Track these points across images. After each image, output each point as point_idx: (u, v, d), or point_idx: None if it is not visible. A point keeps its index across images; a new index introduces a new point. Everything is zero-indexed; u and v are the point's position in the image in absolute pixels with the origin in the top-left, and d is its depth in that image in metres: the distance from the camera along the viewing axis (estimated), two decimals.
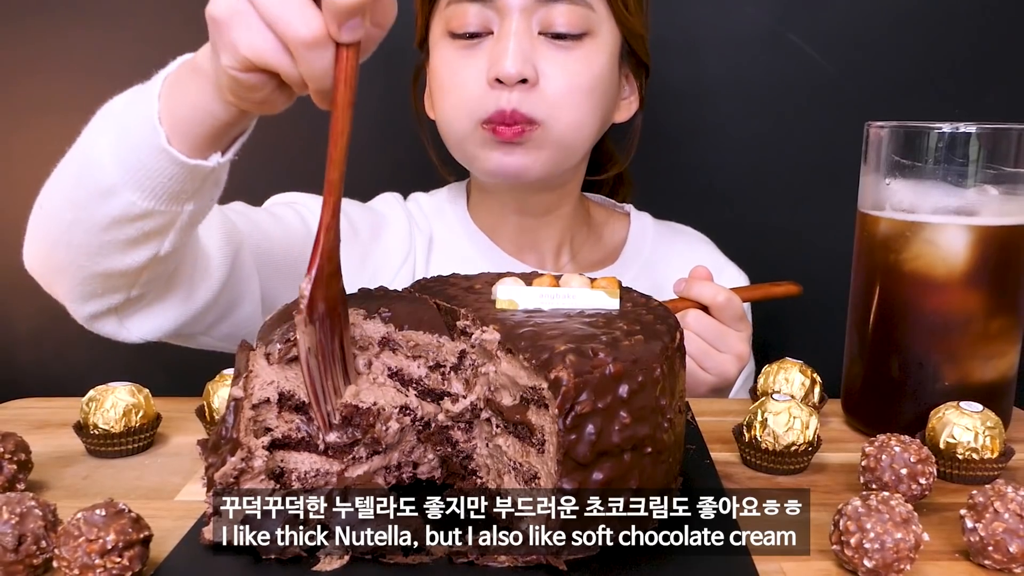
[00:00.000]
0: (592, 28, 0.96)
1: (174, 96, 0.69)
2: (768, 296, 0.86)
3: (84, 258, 0.78)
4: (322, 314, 0.58)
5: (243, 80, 0.59)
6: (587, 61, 0.96)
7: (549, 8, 0.94)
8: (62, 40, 1.31)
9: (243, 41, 0.56)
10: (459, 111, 0.98)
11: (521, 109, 0.94)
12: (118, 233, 0.75)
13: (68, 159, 0.79)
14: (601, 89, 0.98)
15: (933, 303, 0.77)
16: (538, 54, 0.94)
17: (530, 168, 0.98)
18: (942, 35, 1.29)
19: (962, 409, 0.72)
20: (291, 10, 0.54)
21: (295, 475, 0.61)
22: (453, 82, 0.98)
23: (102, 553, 0.50)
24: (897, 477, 0.64)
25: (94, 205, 0.74)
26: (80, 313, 0.84)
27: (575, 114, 0.96)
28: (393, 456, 0.63)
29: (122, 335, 0.86)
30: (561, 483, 0.54)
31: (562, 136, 0.97)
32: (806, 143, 1.33)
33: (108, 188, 0.72)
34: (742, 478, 0.72)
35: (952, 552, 0.60)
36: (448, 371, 0.64)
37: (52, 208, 0.79)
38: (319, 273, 0.58)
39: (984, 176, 0.75)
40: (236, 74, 0.58)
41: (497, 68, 0.93)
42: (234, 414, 0.58)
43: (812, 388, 0.83)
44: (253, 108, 0.65)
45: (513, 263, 1.09)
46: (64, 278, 0.82)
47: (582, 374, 0.53)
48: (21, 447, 0.65)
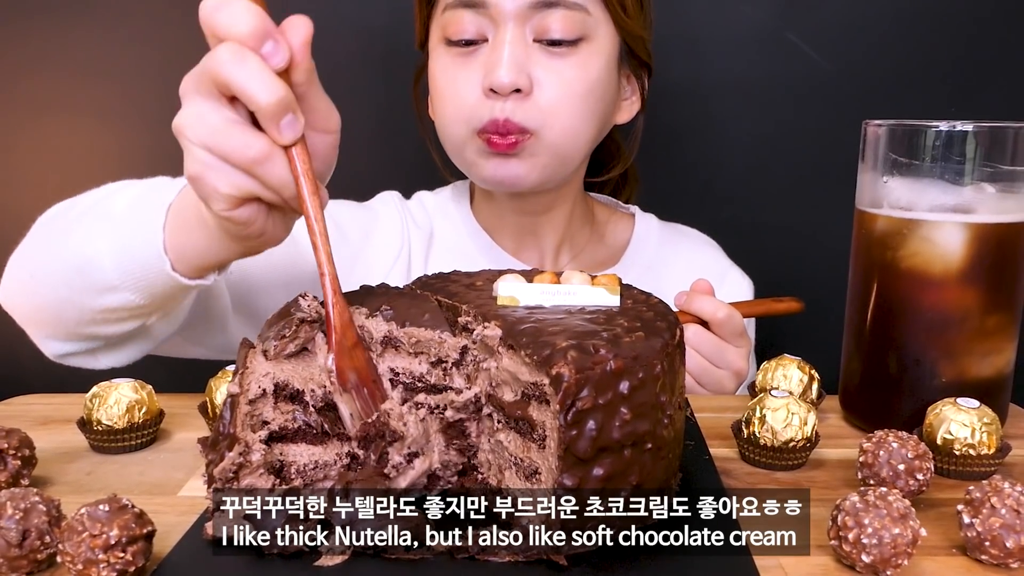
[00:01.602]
0: (588, 33, 0.96)
1: (180, 236, 0.73)
2: (770, 312, 0.86)
3: (72, 324, 0.81)
4: (356, 383, 0.62)
5: (236, 217, 0.62)
6: (582, 67, 0.96)
7: (544, 15, 0.93)
8: (63, 40, 1.32)
9: (221, 184, 0.60)
10: (456, 119, 0.98)
11: (514, 119, 0.94)
12: (111, 315, 0.78)
13: (61, 242, 0.80)
14: (597, 94, 0.98)
15: (930, 300, 0.77)
16: (532, 61, 0.94)
17: (524, 177, 0.98)
18: (939, 34, 1.30)
19: (959, 405, 0.72)
20: (237, 141, 0.59)
21: (295, 468, 0.62)
22: (450, 90, 0.98)
23: (105, 548, 0.51)
24: (895, 473, 0.65)
25: (91, 296, 0.77)
26: (51, 351, 0.87)
27: (569, 121, 0.97)
28: (434, 458, 0.63)
29: (89, 365, 0.88)
30: (562, 478, 0.54)
31: (556, 144, 0.97)
32: (804, 141, 1.33)
33: (107, 286, 0.75)
34: (741, 474, 0.72)
35: (949, 547, 0.60)
36: (450, 367, 0.64)
37: (45, 282, 0.80)
38: (339, 348, 0.61)
39: (981, 174, 0.75)
40: (229, 214, 0.62)
41: (491, 78, 0.93)
42: (231, 410, 0.59)
43: (810, 384, 0.83)
44: (256, 245, 0.69)
45: (513, 262, 1.10)
46: (43, 329, 0.85)
47: (583, 370, 0.53)
48: (25, 443, 0.65)
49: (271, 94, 0.57)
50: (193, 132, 0.60)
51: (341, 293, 0.62)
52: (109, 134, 1.35)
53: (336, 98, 1.28)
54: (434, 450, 0.63)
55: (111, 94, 1.33)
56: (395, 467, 0.61)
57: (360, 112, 1.35)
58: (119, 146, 1.35)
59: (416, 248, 1.11)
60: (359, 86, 1.34)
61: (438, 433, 0.63)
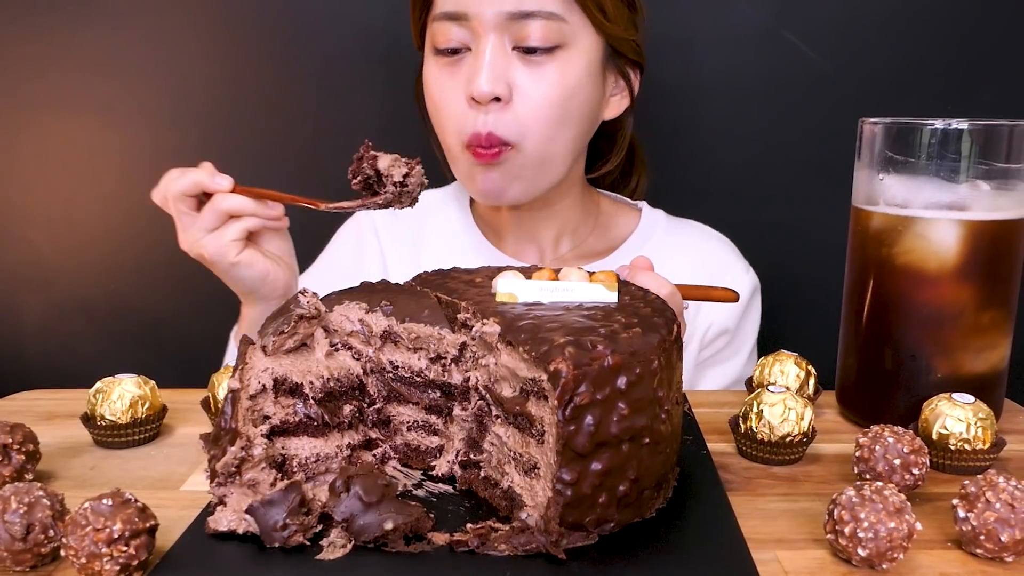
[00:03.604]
0: (565, 40, 0.97)
1: (243, 327, 0.99)
2: (707, 298, 0.88)
3: None
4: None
5: (244, 260, 0.88)
6: (559, 73, 0.97)
7: (522, 24, 0.95)
8: (68, 39, 1.32)
9: (226, 236, 0.86)
10: (447, 130, 1.02)
11: (496, 132, 0.97)
12: None
13: None
14: (579, 98, 1.00)
15: (925, 296, 0.78)
16: (512, 70, 0.97)
17: (507, 190, 1.01)
18: (935, 33, 1.30)
19: (954, 400, 0.73)
20: (210, 209, 0.86)
21: (296, 462, 0.62)
22: (439, 100, 1.01)
23: (109, 542, 0.51)
24: (890, 467, 0.65)
25: None
26: None
27: (548, 130, 0.99)
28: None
29: None
30: (560, 473, 0.54)
31: (537, 154, 0.99)
32: (801, 139, 1.33)
33: None
34: (738, 468, 0.72)
35: (944, 541, 0.61)
36: (449, 363, 0.65)
37: None
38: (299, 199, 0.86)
39: (976, 171, 0.75)
40: (238, 258, 0.87)
41: (471, 88, 0.96)
42: (232, 405, 0.60)
43: (807, 380, 0.83)
44: (268, 290, 0.92)
45: (504, 259, 1.12)
46: None
47: (581, 366, 0.54)
48: (29, 438, 0.66)
49: (203, 168, 0.87)
50: (193, 235, 0.87)
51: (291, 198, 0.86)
52: (113, 132, 1.35)
53: (339, 96, 1.30)
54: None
55: (115, 93, 1.34)
56: None
57: (363, 109, 1.35)
58: (123, 144, 1.36)
59: (393, 256, 1.17)
60: (362, 84, 1.35)
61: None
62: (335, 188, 0.91)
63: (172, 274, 1.34)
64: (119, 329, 1.42)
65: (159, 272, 1.37)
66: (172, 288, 1.38)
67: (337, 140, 1.36)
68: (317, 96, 1.35)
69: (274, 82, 1.35)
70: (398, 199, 0.79)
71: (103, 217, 1.38)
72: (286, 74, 1.35)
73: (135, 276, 1.39)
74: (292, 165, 1.37)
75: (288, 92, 1.35)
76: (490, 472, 0.62)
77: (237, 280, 0.90)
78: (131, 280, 1.40)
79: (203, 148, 1.35)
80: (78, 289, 1.40)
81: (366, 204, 0.79)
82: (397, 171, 0.77)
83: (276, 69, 1.35)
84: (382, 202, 0.79)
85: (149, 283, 1.38)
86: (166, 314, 1.40)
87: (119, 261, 1.39)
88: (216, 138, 1.36)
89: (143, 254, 1.36)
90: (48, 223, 1.38)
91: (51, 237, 1.38)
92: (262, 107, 1.36)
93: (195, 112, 1.35)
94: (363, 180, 0.79)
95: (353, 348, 0.67)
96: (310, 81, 1.35)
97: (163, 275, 1.38)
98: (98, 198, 1.38)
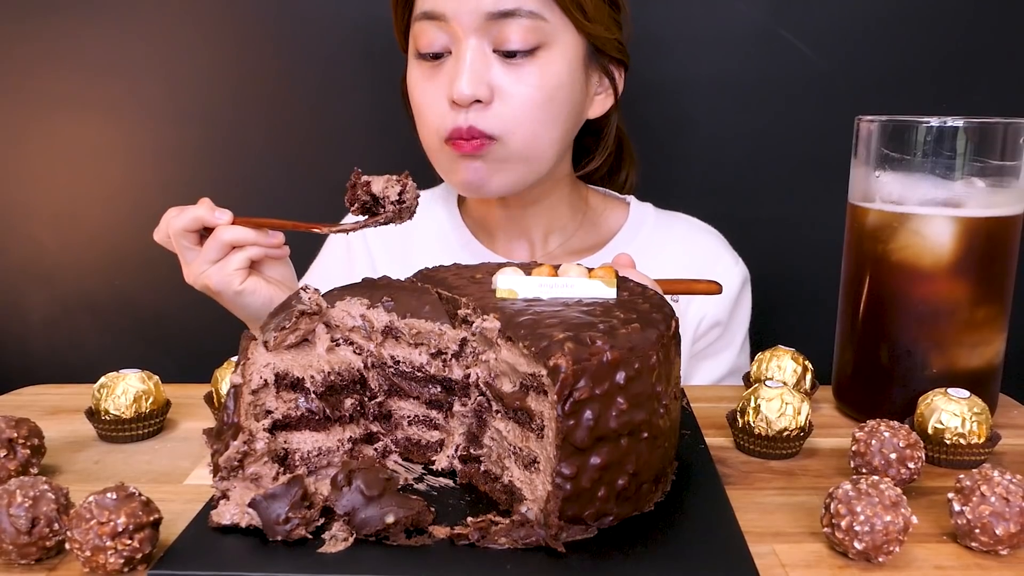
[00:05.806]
0: (546, 40, 0.97)
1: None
2: (690, 291, 0.89)
3: None
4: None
5: (248, 288, 0.89)
6: (540, 74, 0.97)
7: (501, 25, 0.95)
8: (73, 38, 1.33)
9: (230, 266, 0.88)
10: (428, 130, 1.02)
11: (478, 125, 0.97)
12: None
13: None
14: (561, 98, 1.00)
15: (921, 292, 0.78)
16: (492, 72, 0.97)
17: (489, 182, 1.02)
18: (931, 31, 1.30)
19: (950, 395, 0.73)
20: (213, 242, 0.87)
21: (299, 455, 0.63)
22: (422, 102, 1.02)
23: (113, 535, 0.52)
24: (886, 461, 0.66)
25: None
26: None
27: (532, 128, 0.99)
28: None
29: None
30: (560, 467, 0.55)
31: (521, 150, 1.00)
32: (798, 137, 1.34)
33: None
34: (736, 462, 0.73)
35: (940, 534, 0.61)
36: (449, 358, 0.65)
37: None
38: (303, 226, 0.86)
39: (971, 169, 0.76)
40: (242, 287, 0.88)
41: (451, 90, 0.97)
42: (234, 400, 0.60)
43: (804, 375, 0.84)
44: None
45: (492, 256, 1.13)
46: None
47: (580, 361, 0.54)
48: (34, 432, 0.66)
49: (202, 204, 0.87)
50: (197, 267, 0.89)
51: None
52: (117, 130, 1.36)
53: (334, 95, 1.30)
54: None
55: (119, 91, 1.34)
56: None
57: (358, 109, 1.36)
58: (126, 142, 1.36)
59: (382, 258, 1.17)
60: (363, 82, 1.35)
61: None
62: (335, 187, 0.92)
63: (176, 271, 1.34)
64: (123, 325, 1.42)
65: (163, 268, 1.37)
66: (176, 284, 1.37)
67: (337, 138, 1.36)
68: (318, 94, 1.35)
69: (276, 81, 1.35)
70: (398, 216, 0.79)
71: (107, 214, 1.38)
72: (288, 73, 1.35)
73: (139, 272, 1.39)
74: (294, 162, 1.38)
75: (290, 91, 1.35)
76: (490, 466, 0.63)
77: (242, 308, 0.91)
78: (135, 276, 1.40)
79: (206, 145, 1.35)
80: (83, 285, 1.41)
81: (368, 224, 0.79)
82: (392, 191, 0.77)
83: (278, 68, 1.35)
84: (383, 221, 0.79)
85: (153, 279, 1.38)
86: (170, 310, 1.40)
87: (123, 257, 1.40)
88: (219, 135, 1.36)
89: (147, 251, 1.35)
90: (53, 220, 1.38)
91: (56, 234, 1.39)
92: (264, 105, 1.36)
93: (198, 110, 1.35)
94: (360, 206, 0.79)
95: (354, 343, 0.67)
96: (311, 80, 1.35)
97: (167, 271, 1.37)
98: (102, 195, 1.38)
